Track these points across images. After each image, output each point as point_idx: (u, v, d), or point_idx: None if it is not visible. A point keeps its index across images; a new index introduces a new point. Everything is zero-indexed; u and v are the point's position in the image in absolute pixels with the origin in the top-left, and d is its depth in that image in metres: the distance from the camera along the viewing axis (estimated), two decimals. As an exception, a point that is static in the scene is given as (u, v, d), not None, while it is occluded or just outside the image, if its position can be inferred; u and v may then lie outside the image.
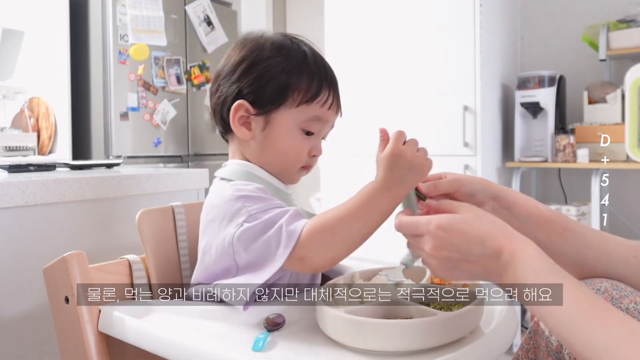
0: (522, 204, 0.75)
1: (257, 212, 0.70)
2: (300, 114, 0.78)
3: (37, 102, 3.02)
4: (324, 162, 2.59)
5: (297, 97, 0.77)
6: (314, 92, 0.78)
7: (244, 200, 0.72)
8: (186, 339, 0.64)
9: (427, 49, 2.28)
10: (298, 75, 0.77)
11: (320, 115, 0.79)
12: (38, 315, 1.01)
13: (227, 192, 0.75)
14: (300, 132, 0.79)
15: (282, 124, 0.78)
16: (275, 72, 0.77)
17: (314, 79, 0.78)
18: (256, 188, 0.75)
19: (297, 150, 0.79)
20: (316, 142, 0.81)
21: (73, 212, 1.10)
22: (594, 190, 2.15)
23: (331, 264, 0.70)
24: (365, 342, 0.60)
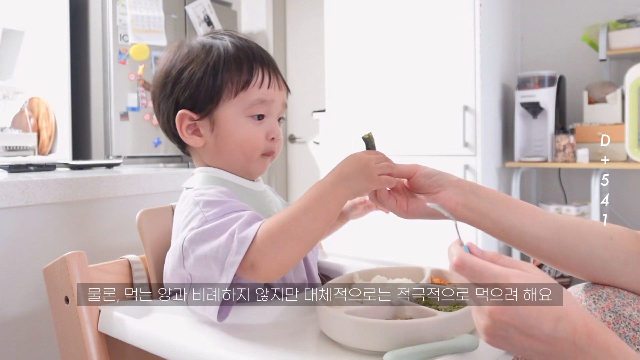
0: (486, 189, 0.72)
1: (213, 217, 0.69)
2: (240, 103, 0.76)
3: (37, 102, 3.02)
4: (324, 162, 2.59)
5: (232, 87, 0.76)
6: (246, 78, 0.76)
7: (202, 205, 0.71)
8: (186, 339, 0.64)
9: (427, 49, 2.28)
10: (225, 66, 0.76)
11: (262, 97, 0.77)
12: (38, 315, 1.01)
13: (188, 198, 0.74)
14: (249, 120, 0.77)
15: (228, 118, 0.77)
16: (203, 72, 0.76)
17: (243, 65, 0.77)
18: (218, 191, 0.74)
19: (251, 137, 0.77)
20: (270, 124, 0.79)
21: (73, 212, 1.10)
22: (594, 190, 2.15)
23: (282, 270, 0.67)
24: (365, 342, 0.60)
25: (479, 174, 2.16)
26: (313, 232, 0.67)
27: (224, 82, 0.76)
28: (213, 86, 0.76)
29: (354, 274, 0.78)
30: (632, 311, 0.63)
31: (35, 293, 0.99)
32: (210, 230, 0.67)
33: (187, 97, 0.77)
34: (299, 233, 0.66)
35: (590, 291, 0.67)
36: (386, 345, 0.58)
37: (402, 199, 0.75)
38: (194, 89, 0.76)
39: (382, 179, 0.70)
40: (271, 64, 0.80)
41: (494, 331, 0.50)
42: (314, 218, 0.67)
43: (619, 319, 0.63)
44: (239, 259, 0.64)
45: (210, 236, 0.67)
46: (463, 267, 0.52)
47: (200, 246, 0.68)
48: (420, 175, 0.74)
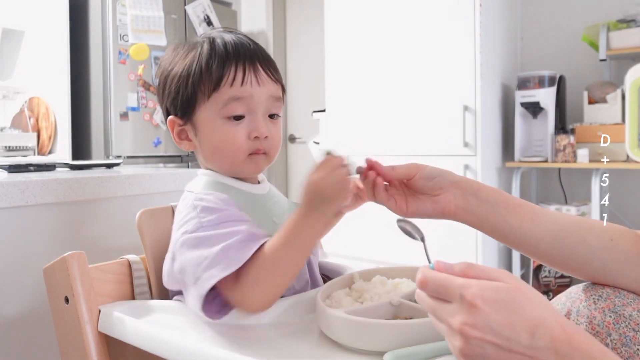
0: (487, 190, 0.71)
1: (208, 224, 0.68)
2: (214, 104, 0.74)
3: (37, 102, 3.02)
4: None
5: (205, 89, 0.74)
6: (217, 76, 0.73)
7: (199, 210, 0.71)
8: (186, 339, 0.64)
9: (427, 49, 2.28)
10: (197, 68, 0.74)
11: (236, 94, 0.73)
12: (38, 315, 1.01)
13: (187, 200, 0.75)
14: (225, 121, 0.74)
15: (205, 121, 0.75)
16: (178, 76, 0.76)
17: (213, 64, 0.74)
18: (217, 198, 0.73)
19: (229, 138, 0.74)
20: (253, 122, 0.75)
21: (73, 212, 1.10)
22: (594, 190, 2.15)
23: (269, 303, 0.67)
24: (365, 342, 0.60)
25: (479, 174, 2.16)
26: (294, 265, 0.67)
27: (196, 84, 0.74)
28: (187, 90, 0.75)
29: (354, 274, 0.78)
30: (632, 311, 0.63)
31: (35, 293, 0.99)
32: (203, 238, 0.67)
33: (170, 103, 0.78)
34: (281, 269, 0.66)
35: (590, 291, 0.67)
36: (386, 345, 0.58)
37: (401, 199, 0.73)
38: (174, 95, 0.76)
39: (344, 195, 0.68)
40: (249, 57, 0.75)
41: (470, 351, 0.46)
42: (294, 252, 0.66)
43: (619, 319, 0.63)
44: (223, 275, 0.63)
45: (201, 244, 0.67)
46: (426, 283, 0.49)
47: (190, 251, 0.68)
48: (420, 178, 0.72)
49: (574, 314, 0.66)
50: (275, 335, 0.66)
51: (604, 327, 0.63)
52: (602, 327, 0.63)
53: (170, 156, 3.17)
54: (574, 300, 0.67)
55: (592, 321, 0.64)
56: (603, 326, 0.63)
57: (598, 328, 0.63)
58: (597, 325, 0.63)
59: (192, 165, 3.20)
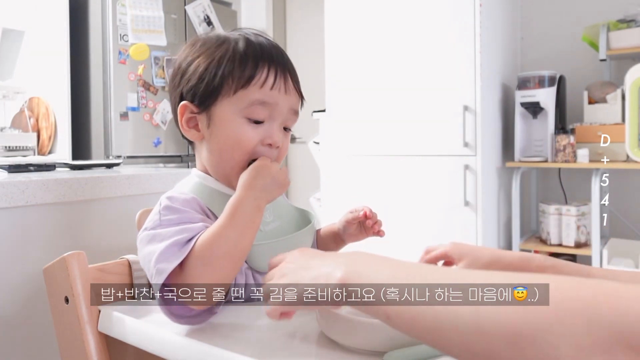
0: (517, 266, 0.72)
1: (167, 223, 0.68)
2: (239, 101, 0.73)
3: (37, 102, 3.02)
4: (324, 162, 2.59)
5: (232, 83, 0.72)
6: (249, 74, 0.72)
7: (164, 209, 0.71)
8: (186, 339, 0.64)
9: (427, 49, 2.28)
10: (230, 61, 0.73)
11: (263, 99, 0.73)
12: (38, 315, 1.01)
13: (162, 199, 0.74)
14: (245, 121, 0.73)
15: (224, 115, 0.74)
16: (207, 64, 0.74)
17: (248, 61, 0.73)
18: (185, 200, 0.73)
19: (243, 139, 0.73)
20: (269, 129, 0.74)
21: (73, 212, 1.10)
22: (594, 190, 2.15)
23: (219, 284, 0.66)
24: (365, 342, 0.60)
25: (479, 174, 2.16)
26: (241, 246, 0.67)
27: (225, 77, 0.73)
28: (213, 80, 0.73)
29: (354, 274, 0.78)
30: None
31: (35, 293, 0.99)
32: (156, 234, 0.67)
33: (189, 89, 0.75)
34: (227, 251, 0.65)
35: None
36: (386, 345, 0.58)
37: None
38: (196, 82, 0.74)
39: (288, 182, 0.74)
40: (282, 64, 0.76)
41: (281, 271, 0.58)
42: (239, 232, 0.66)
43: None
44: (171, 267, 0.63)
45: (153, 240, 0.67)
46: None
47: (144, 247, 0.68)
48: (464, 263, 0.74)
49: None
50: (275, 335, 0.66)
51: None
52: None
53: (170, 156, 3.17)
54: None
55: None
56: None
57: None
58: None
59: (192, 166, 3.19)
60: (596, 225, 2.14)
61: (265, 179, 0.70)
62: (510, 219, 2.44)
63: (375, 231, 0.88)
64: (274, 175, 0.71)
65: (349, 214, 0.89)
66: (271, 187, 0.71)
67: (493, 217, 2.33)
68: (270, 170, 0.71)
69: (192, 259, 0.63)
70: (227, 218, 0.66)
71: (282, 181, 0.72)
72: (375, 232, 0.88)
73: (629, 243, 2.29)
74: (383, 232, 0.88)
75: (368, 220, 0.87)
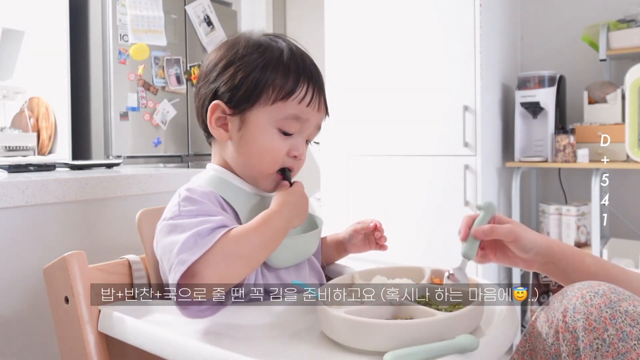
0: (570, 258, 0.80)
1: (186, 214, 0.70)
2: (275, 112, 0.75)
3: (37, 102, 3.02)
4: (324, 162, 2.59)
5: (272, 94, 0.74)
6: (289, 89, 0.74)
7: (181, 199, 0.73)
8: (186, 339, 0.64)
9: (427, 49, 2.28)
10: (272, 71, 0.75)
11: (298, 114, 0.76)
12: (38, 315, 1.01)
13: (179, 190, 0.76)
14: (276, 132, 0.76)
15: (257, 123, 0.75)
16: (249, 70, 0.75)
17: (290, 75, 0.75)
18: (204, 193, 0.75)
19: (273, 149, 0.76)
20: (297, 142, 0.78)
21: (73, 212, 1.10)
22: (594, 190, 2.15)
23: (222, 286, 0.67)
24: (365, 343, 0.60)
25: (479, 174, 2.16)
26: (260, 255, 0.69)
27: (266, 86, 0.74)
28: (255, 88, 0.74)
29: (354, 274, 0.78)
30: (628, 306, 0.64)
31: (35, 293, 0.99)
32: (177, 225, 0.69)
33: (226, 90, 0.76)
34: (247, 254, 0.67)
35: (587, 289, 0.68)
36: (386, 345, 0.58)
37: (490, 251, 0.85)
38: (235, 85, 0.75)
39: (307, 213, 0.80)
40: (320, 82, 0.78)
41: None
42: (264, 241, 0.69)
43: (615, 314, 0.64)
44: (193, 258, 0.63)
45: (174, 230, 0.68)
46: None
47: (165, 237, 0.69)
48: (516, 248, 0.80)
49: (570, 311, 0.67)
50: (275, 335, 0.66)
51: (601, 322, 0.64)
52: (599, 322, 0.64)
53: (170, 156, 3.17)
54: (570, 298, 0.68)
55: (588, 317, 0.65)
56: (600, 322, 0.64)
57: (595, 324, 0.64)
58: (594, 320, 0.64)
59: (192, 165, 3.20)
60: (596, 225, 2.14)
61: (298, 207, 0.75)
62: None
63: (380, 244, 0.90)
64: (304, 204, 0.77)
65: (357, 224, 0.91)
66: (299, 214, 0.77)
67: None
68: (305, 198, 0.77)
69: (213, 252, 0.64)
70: (257, 225, 0.69)
71: (305, 211, 0.78)
72: (379, 246, 0.90)
73: (629, 243, 2.29)
74: (386, 247, 0.91)
75: (377, 232, 0.89)
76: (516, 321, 0.71)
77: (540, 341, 0.71)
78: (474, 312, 0.64)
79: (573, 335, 0.65)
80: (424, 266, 0.80)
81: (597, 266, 0.79)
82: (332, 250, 0.94)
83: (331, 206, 2.54)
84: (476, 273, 2.09)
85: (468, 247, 0.80)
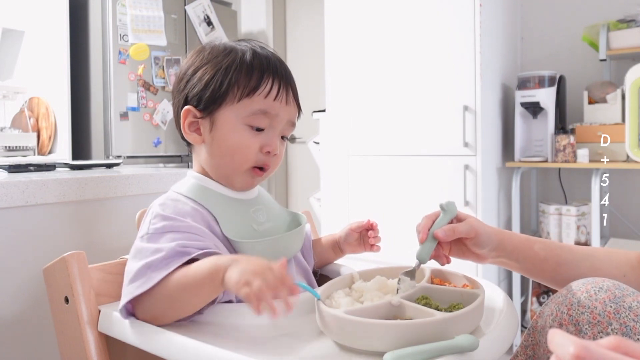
0: (520, 249, 0.81)
1: (153, 232, 0.71)
2: (242, 109, 0.76)
3: (37, 102, 3.02)
4: (324, 162, 2.59)
5: (237, 92, 0.76)
6: (254, 85, 0.76)
7: (153, 215, 0.74)
8: (186, 339, 0.64)
9: (427, 49, 2.28)
10: (237, 70, 0.76)
11: (265, 109, 0.77)
12: (38, 315, 1.01)
13: (155, 202, 0.77)
14: (246, 128, 0.77)
15: (226, 121, 0.77)
16: (214, 72, 0.77)
17: (254, 72, 0.76)
18: (177, 210, 0.74)
19: (244, 146, 0.77)
20: (269, 137, 0.78)
21: (73, 212, 1.10)
22: (594, 190, 2.15)
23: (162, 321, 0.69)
24: (365, 342, 0.60)
25: (479, 174, 2.16)
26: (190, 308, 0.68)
27: (231, 85, 0.76)
28: (220, 87, 0.76)
29: (353, 274, 0.78)
30: (632, 302, 0.64)
31: (35, 293, 0.99)
32: (137, 250, 0.71)
33: (194, 94, 0.78)
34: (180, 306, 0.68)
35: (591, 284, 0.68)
36: (386, 345, 0.58)
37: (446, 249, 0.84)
38: (203, 87, 0.77)
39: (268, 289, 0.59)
40: (285, 77, 0.79)
41: None
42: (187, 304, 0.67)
43: (620, 309, 0.64)
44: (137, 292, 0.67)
45: (135, 256, 0.71)
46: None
47: (129, 261, 0.72)
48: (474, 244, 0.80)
49: (575, 305, 0.67)
50: (275, 335, 0.66)
51: (605, 316, 0.65)
52: (603, 316, 0.65)
53: (170, 156, 3.17)
54: (574, 292, 0.69)
55: (593, 311, 0.65)
56: (604, 316, 0.65)
57: (599, 318, 0.65)
58: (598, 315, 0.65)
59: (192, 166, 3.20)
60: (596, 225, 2.14)
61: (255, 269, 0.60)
62: (510, 219, 2.44)
63: (372, 244, 0.90)
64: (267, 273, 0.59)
65: (353, 223, 0.91)
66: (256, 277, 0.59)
67: (493, 217, 2.33)
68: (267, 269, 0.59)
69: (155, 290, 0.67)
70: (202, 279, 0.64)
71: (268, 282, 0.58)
72: (370, 247, 0.90)
73: (629, 243, 2.29)
74: (379, 247, 0.91)
75: (370, 231, 0.89)
76: (516, 321, 0.72)
77: (543, 335, 0.71)
78: (474, 312, 0.64)
79: (577, 328, 0.66)
80: (424, 266, 0.80)
81: (545, 251, 0.80)
82: (327, 250, 0.94)
83: (331, 206, 2.54)
84: (476, 273, 2.09)
85: (425, 250, 0.78)
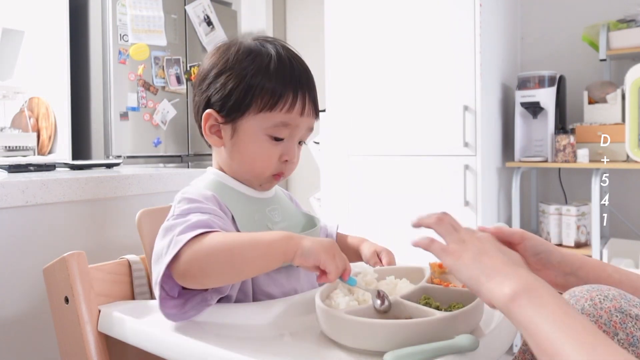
0: (589, 267, 0.74)
1: (179, 212, 0.72)
2: (264, 120, 0.77)
3: (37, 102, 3.02)
4: (324, 162, 2.59)
5: (260, 103, 0.76)
6: (276, 98, 0.76)
7: (178, 200, 0.75)
8: (186, 339, 0.64)
9: (427, 49, 2.28)
10: (261, 80, 0.76)
11: (287, 121, 0.77)
12: (38, 315, 1.01)
13: (177, 194, 0.78)
14: (267, 139, 0.78)
15: (248, 131, 0.78)
16: (239, 80, 0.77)
17: (277, 84, 0.76)
18: (200, 194, 0.76)
19: (265, 157, 0.78)
20: (288, 147, 0.79)
21: (73, 212, 1.10)
22: (594, 190, 2.15)
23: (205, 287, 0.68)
24: (365, 342, 0.60)
25: (479, 174, 2.16)
26: (239, 272, 0.66)
27: (254, 96, 0.76)
28: (244, 98, 0.76)
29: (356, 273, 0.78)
30: (639, 312, 0.63)
31: (35, 293, 0.99)
32: (165, 228, 0.71)
33: (218, 99, 0.78)
34: (225, 267, 0.65)
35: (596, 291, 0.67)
36: (386, 345, 0.58)
37: None
38: (226, 94, 0.77)
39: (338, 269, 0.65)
40: (308, 88, 0.79)
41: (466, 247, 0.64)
42: (249, 260, 0.65)
43: (626, 318, 0.63)
44: (167, 259, 0.65)
45: (164, 234, 0.70)
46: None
47: (158, 242, 0.71)
48: (525, 250, 0.74)
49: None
50: (275, 335, 0.66)
51: (611, 326, 0.63)
52: (608, 326, 0.63)
53: (170, 156, 3.17)
54: (578, 299, 0.67)
55: (598, 320, 0.64)
56: (610, 325, 0.63)
57: (605, 327, 0.63)
58: (604, 324, 0.63)
59: (192, 165, 3.20)
60: (596, 225, 2.14)
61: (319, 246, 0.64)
62: (510, 219, 2.44)
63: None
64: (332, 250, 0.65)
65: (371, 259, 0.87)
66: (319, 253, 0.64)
67: (493, 217, 2.33)
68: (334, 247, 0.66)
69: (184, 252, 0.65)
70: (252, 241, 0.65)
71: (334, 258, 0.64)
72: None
73: (629, 243, 2.29)
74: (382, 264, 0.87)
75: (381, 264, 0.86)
76: (516, 321, 0.71)
77: None
78: (474, 312, 0.64)
79: None
80: (424, 266, 0.80)
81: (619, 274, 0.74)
82: (350, 252, 0.93)
83: (331, 206, 2.54)
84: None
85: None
